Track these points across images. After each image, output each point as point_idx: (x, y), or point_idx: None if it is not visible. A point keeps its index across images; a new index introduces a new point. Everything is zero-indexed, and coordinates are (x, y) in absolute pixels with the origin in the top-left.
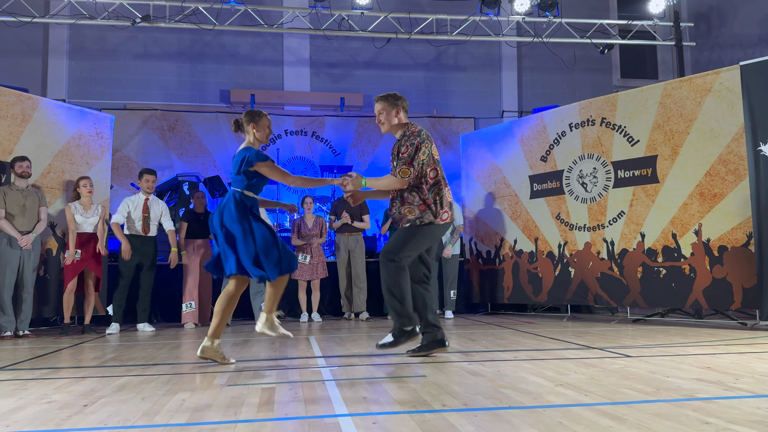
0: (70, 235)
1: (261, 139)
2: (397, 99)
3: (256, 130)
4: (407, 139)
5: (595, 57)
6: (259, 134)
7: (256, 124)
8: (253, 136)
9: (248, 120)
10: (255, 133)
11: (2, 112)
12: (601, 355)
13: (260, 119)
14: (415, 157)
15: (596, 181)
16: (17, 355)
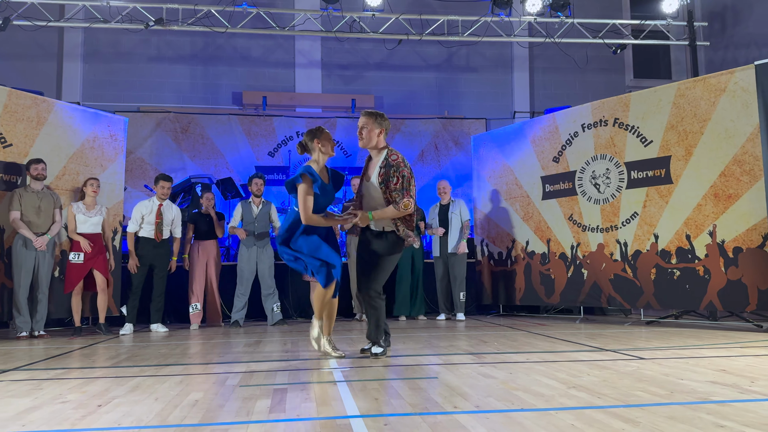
0: (70, 234)
1: (327, 152)
2: (383, 120)
3: (321, 145)
4: (395, 170)
5: (608, 57)
6: (325, 148)
7: (320, 140)
8: (318, 152)
9: (311, 138)
10: (321, 148)
11: (18, 115)
12: (615, 358)
13: (322, 134)
14: (408, 186)
15: (609, 181)
16: (32, 355)
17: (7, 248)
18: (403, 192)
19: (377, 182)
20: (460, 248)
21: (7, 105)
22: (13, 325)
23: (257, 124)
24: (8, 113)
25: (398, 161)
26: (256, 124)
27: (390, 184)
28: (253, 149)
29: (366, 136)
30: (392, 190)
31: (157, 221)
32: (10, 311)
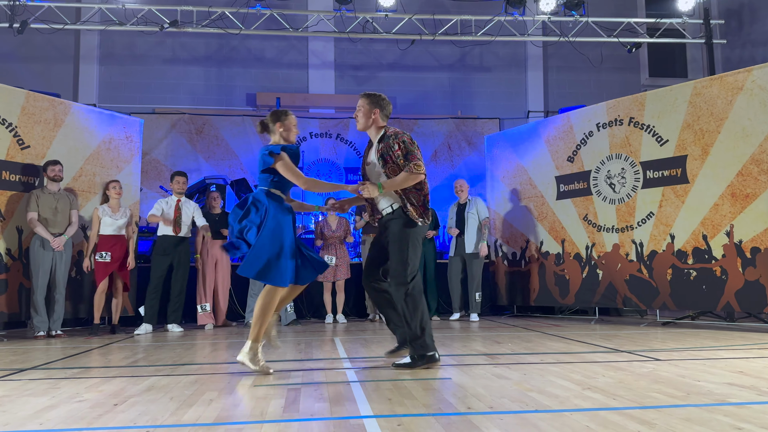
0: (92, 237)
1: (288, 138)
2: (380, 100)
3: (283, 129)
4: (394, 138)
5: (623, 56)
6: (286, 134)
7: (282, 123)
8: (279, 135)
9: (274, 119)
10: (282, 132)
11: (36, 117)
12: (630, 359)
13: (287, 118)
14: (413, 150)
15: (624, 181)
16: (50, 354)
17: (26, 249)
18: (408, 156)
19: (376, 159)
20: (482, 250)
21: (25, 107)
22: (30, 325)
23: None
24: (26, 115)
25: (397, 131)
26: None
27: (392, 154)
28: None
29: (360, 117)
30: (395, 158)
31: (176, 216)
32: (28, 311)
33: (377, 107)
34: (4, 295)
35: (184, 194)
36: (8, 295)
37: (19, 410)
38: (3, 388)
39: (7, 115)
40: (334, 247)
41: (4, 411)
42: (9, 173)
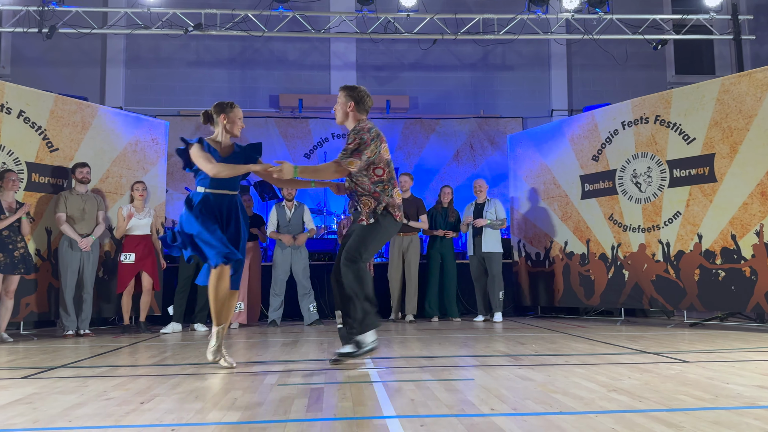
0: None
1: (231, 131)
2: (357, 93)
3: (227, 121)
4: (356, 132)
5: (648, 53)
6: (230, 126)
7: (227, 115)
8: (222, 127)
9: (218, 111)
10: (225, 124)
11: (64, 120)
12: (657, 360)
13: (231, 110)
14: (362, 150)
15: (651, 180)
16: (78, 353)
17: (54, 249)
18: (353, 153)
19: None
20: (478, 221)
21: (54, 110)
22: (60, 324)
23: (293, 126)
24: (54, 118)
25: (364, 126)
26: (292, 126)
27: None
28: (290, 151)
29: (338, 111)
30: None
31: None
32: (57, 310)
33: (352, 100)
34: (33, 295)
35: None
36: (38, 294)
37: (49, 408)
38: (33, 386)
39: (36, 118)
40: None
41: (34, 408)
42: (39, 175)
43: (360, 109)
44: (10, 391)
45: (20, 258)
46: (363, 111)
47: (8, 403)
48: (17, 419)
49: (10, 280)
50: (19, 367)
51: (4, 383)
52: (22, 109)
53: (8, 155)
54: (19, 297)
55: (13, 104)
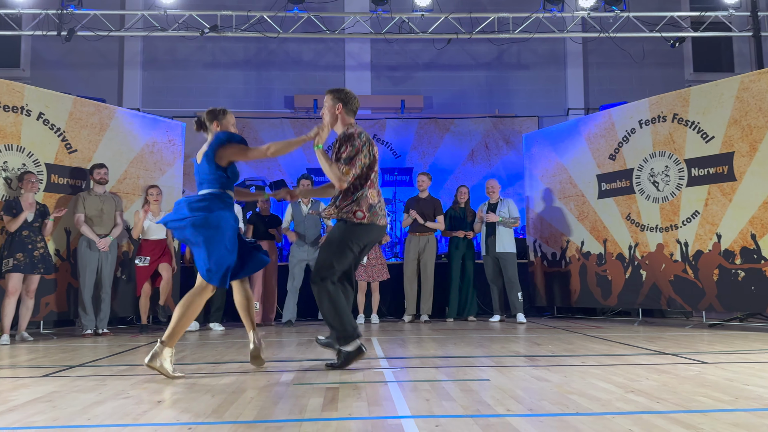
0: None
1: None
2: (342, 94)
3: (220, 128)
4: (347, 140)
5: (666, 51)
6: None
7: (219, 122)
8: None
9: (211, 118)
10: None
11: (82, 122)
12: (675, 361)
13: (224, 117)
14: (354, 158)
15: (668, 179)
16: (97, 352)
17: (73, 249)
18: (347, 162)
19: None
20: (490, 216)
21: (72, 112)
22: (78, 323)
23: (308, 126)
24: (73, 120)
25: (353, 132)
26: (307, 127)
27: (339, 154)
28: (305, 151)
29: (325, 114)
30: (338, 158)
31: None
32: (76, 310)
33: (340, 102)
34: (53, 295)
35: None
36: (57, 294)
37: (68, 406)
38: (53, 384)
39: (56, 120)
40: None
41: (54, 406)
42: (57, 176)
43: (347, 110)
44: (30, 390)
45: (40, 258)
46: (350, 113)
47: (29, 401)
48: (37, 417)
49: (30, 280)
50: (39, 365)
51: (24, 381)
52: (42, 111)
53: (28, 156)
54: (39, 296)
55: (32, 106)
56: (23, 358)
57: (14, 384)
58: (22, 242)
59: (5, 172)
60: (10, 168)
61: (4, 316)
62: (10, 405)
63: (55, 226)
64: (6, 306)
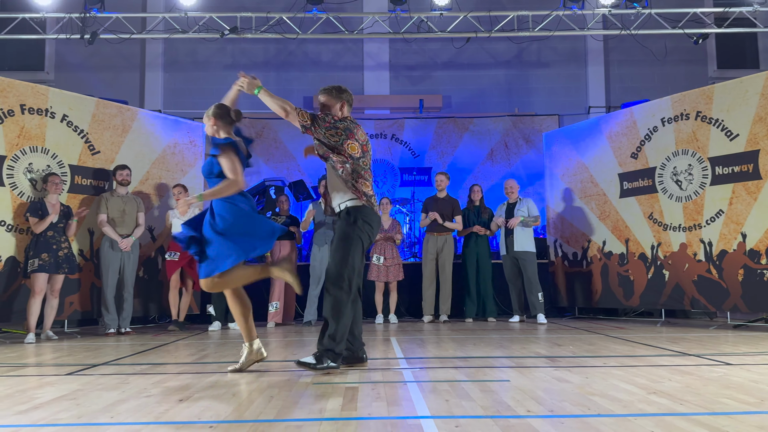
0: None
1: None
2: (342, 92)
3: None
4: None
5: (689, 48)
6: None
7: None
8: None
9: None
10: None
11: (105, 124)
12: (699, 363)
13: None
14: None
15: (692, 178)
16: (120, 351)
17: (96, 249)
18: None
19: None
20: (512, 222)
21: (95, 114)
22: (102, 322)
23: None
24: (96, 122)
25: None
26: None
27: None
28: None
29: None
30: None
31: None
32: (99, 309)
33: (342, 100)
34: (77, 294)
35: None
36: (81, 293)
37: (92, 404)
38: (77, 382)
39: (79, 122)
40: (383, 247)
41: (78, 404)
42: (81, 177)
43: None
44: (55, 387)
45: (64, 258)
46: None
47: (54, 398)
48: (62, 414)
49: (54, 280)
50: (64, 363)
51: (49, 379)
52: (65, 113)
53: (52, 158)
54: (64, 296)
55: (56, 109)
56: (48, 356)
57: (39, 382)
58: (46, 243)
59: (30, 173)
60: (35, 169)
61: (29, 315)
62: (36, 402)
63: (79, 226)
64: (32, 305)
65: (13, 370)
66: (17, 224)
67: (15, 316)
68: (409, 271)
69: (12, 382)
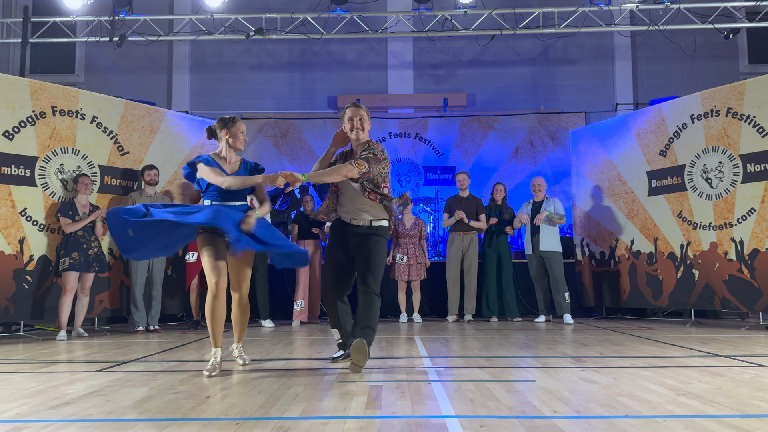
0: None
1: (234, 145)
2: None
3: (229, 136)
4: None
5: (719, 43)
6: (232, 140)
7: (228, 130)
8: (225, 143)
9: (221, 126)
10: (228, 140)
11: (134, 125)
12: (729, 364)
13: (234, 125)
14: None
15: (722, 176)
16: (148, 348)
17: None
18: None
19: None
20: (537, 218)
21: (124, 116)
22: (131, 320)
23: None
24: (125, 123)
25: (377, 146)
26: None
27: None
28: None
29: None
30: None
31: None
32: (128, 307)
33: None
34: (107, 292)
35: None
36: (110, 292)
37: (121, 400)
38: (106, 379)
39: (108, 123)
40: (407, 247)
41: (108, 400)
42: (110, 177)
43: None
44: (86, 384)
45: (94, 257)
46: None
47: (85, 394)
48: (92, 410)
49: (85, 278)
50: (94, 360)
51: (80, 376)
52: (95, 114)
53: (83, 159)
54: (94, 294)
55: (86, 110)
56: (79, 353)
57: (71, 378)
58: (77, 242)
59: (61, 174)
60: (65, 170)
61: (61, 313)
62: (67, 398)
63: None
64: (63, 303)
65: (45, 366)
66: (49, 224)
67: (47, 314)
68: (433, 270)
69: (44, 378)
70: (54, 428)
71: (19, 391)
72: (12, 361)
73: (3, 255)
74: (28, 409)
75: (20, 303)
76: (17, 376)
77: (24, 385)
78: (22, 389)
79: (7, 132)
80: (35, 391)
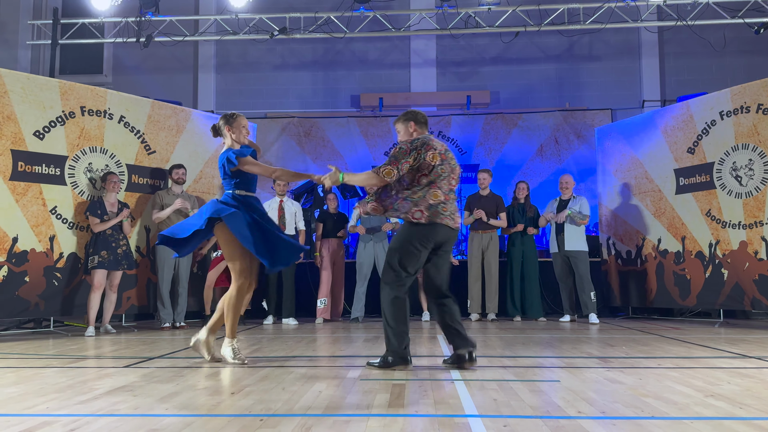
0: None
1: (238, 140)
2: (409, 115)
3: (232, 132)
4: (403, 142)
5: (749, 38)
6: (236, 135)
7: (231, 126)
8: (230, 138)
9: (224, 123)
10: (231, 135)
11: (160, 125)
12: (759, 365)
13: (235, 121)
14: (399, 158)
15: (752, 173)
16: (174, 345)
17: (152, 246)
18: (390, 160)
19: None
20: (559, 216)
21: (151, 115)
22: (157, 317)
23: (374, 125)
24: (152, 123)
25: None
26: (373, 126)
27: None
28: (370, 150)
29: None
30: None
31: (279, 215)
32: (155, 304)
33: (408, 122)
34: (134, 289)
35: (289, 195)
36: (138, 289)
37: (148, 395)
38: (134, 375)
39: (135, 123)
40: None
41: (135, 396)
42: (138, 177)
43: (419, 125)
44: (113, 379)
45: (123, 255)
46: (421, 125)
47: (112, 389)
48: (120, 405)
49: (113, 276)
50: (122, 356)
51: (108, 371)
52: (123, 114)
53: (110, 158)
54: (121, 291)
55: (114, 110)
56: (107, 349)
57: (99, 374)
58: (105, 240)
59: (90, 173)
60: (94, 169)
61: (89, 310)
62: (96, 393)
63: (133, 225)
64: (91, 300)
65: (74, 362)
66: (78, 222)
67: (76, 311)
68: (454, 269)
69: (73, 373)
70: (83, 422)
71: (49, 386)
72: (42, 357)
73: (34, 252)
74: (58, 403)
75: (50, 299)
76: (47, 371)
77: (53, 380)
78: (52, 384)
79: (37, 131)
80: (65, 386)
